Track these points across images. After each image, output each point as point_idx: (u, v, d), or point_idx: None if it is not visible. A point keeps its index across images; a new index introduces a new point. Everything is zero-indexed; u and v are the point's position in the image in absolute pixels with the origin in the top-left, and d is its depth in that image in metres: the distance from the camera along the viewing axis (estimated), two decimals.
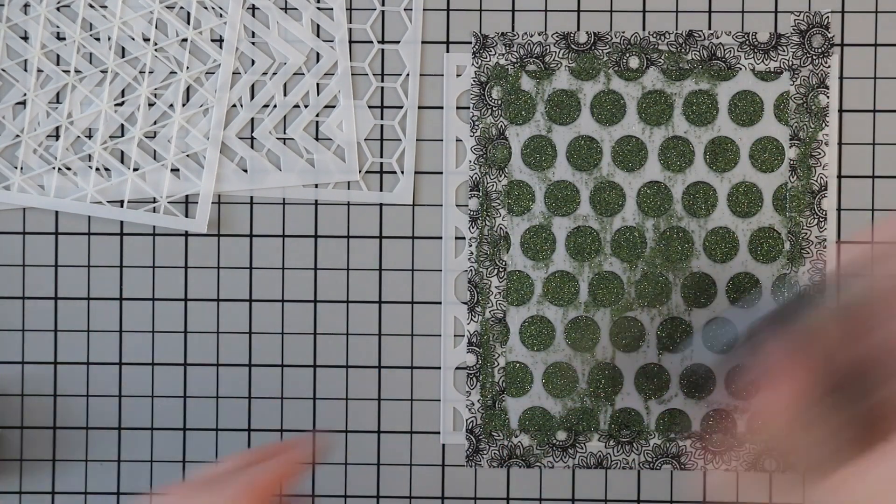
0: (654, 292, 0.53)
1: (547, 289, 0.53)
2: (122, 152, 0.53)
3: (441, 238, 0.53)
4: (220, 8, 0.53)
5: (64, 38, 0.53)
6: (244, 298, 0.54)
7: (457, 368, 0.53)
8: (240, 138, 0.53)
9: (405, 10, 0.54)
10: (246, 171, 0.53)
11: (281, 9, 0.53)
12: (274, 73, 0.53)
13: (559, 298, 0.53)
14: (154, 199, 0.53)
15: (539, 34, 0.53)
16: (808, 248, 0.53)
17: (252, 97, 0.53)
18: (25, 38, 0.53)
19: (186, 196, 0.53)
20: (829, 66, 0.53)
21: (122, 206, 0.53)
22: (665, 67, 0.53)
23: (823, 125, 0.53)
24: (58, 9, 0.53)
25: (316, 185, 0.54)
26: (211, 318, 0.54)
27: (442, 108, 0.53)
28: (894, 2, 0.53)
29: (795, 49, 0.53)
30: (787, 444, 0.39)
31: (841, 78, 0.53)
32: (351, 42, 0.54)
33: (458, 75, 0.53)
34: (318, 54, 0.54)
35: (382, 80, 0.54)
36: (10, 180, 0.53)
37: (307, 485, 0.54)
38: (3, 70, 0.53)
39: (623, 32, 0.53)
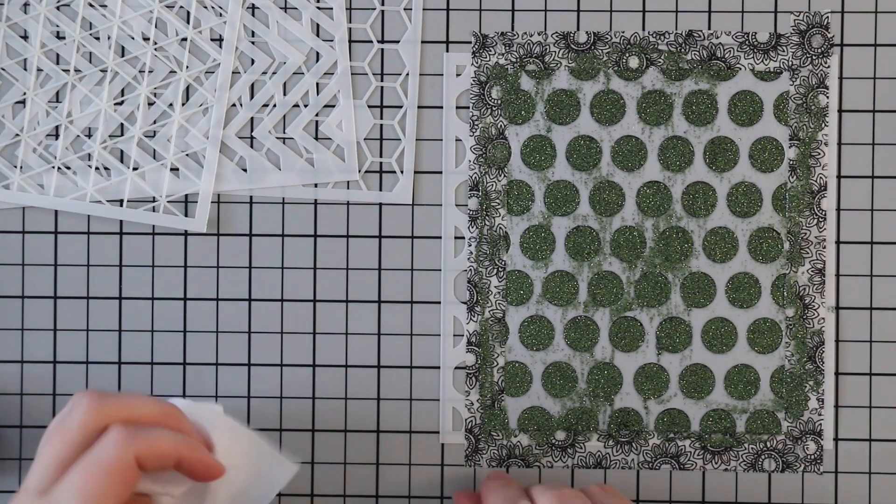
0: (654, 292, 0.53)
1: (546, 289, 0.53)
2: (122, 151, 0.53)
3: (440, 238, 0.53)
4: (220, 7, 0.53)
5: (64, 38, 0.53)
6: (244, 298, 0.54)
7: (456, 368, 0.53)
8: (239, 138, 0.54)
9: (405, 9, 0.54)
10: (245, 170, 0.53)
11: (281, 8, 0.53)
12: (274, 73, 0.53)
13: (558, 298, 0.53)
14: (153, 198, 0.53)
15: (539, 34, 0.53)
16: (807, 248, 0.53)
17: (252, 97, 0.53)
18: (25, 38, 0.53)
19: (186, 195, 0.53)
20: (828, 66, 0.53)
21: (121, 205, 0.53)
22: (665, 67, 0.53)
23: (823, 125, 0.53)
24: (57, 8, 0.53)
25: (315, 185, 0.54)
26: (210, 318, 0.54)
27: (441, 107, 0.53)
28: (894, 2, 0.53)
29: (795, 49, 0.53)
30: None
31: (841, 78, 0.53)
32: (351, 42, 0.54)
33: (457, 75, 0.53)
34: (317, 54, 0.54)
35: (382, 80, 0.54)
36: (10, 179, 0.53)
37: (306, 484, 0.54)
38: (3, 69, 0.53)
39: (623, 32, 0.53)
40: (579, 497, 0.46)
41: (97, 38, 0.53)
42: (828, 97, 0.53)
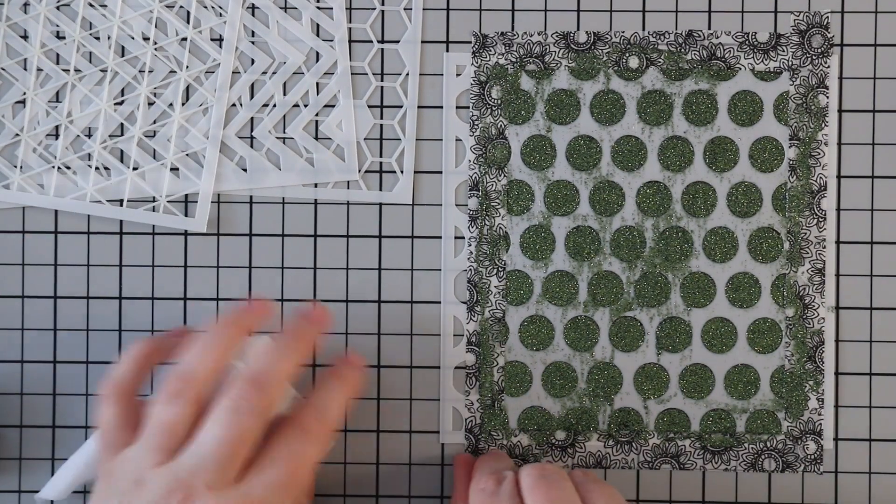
0: (654, 292, 0.53)
1: (546, 289, 0.53)
2: (122, 151, 0.53)
3: (440, 238, 0.53)
4: (220, 7, 0.53)
5: (64, 37, 0.53)
6: (244, 298, 0.54)
7: (456, 368, 0.53)
8: (239, 137, 0.54)
9: (405, 9, 0.54)
10: (245, 170, 0.53)
11: (281, 8, 0.53)
12: (274, 73, 0.53)
13: (558, 298, 0.53)
14: (153, 198, 0.53)
15: (539, 34, 0.53)
16: (807, 247, 0.53)
17: (252, 96, 0.53)
18: (25, 37, 0.53)
19: (186, 195, 0.53)
20: (828, 66, 0.53)
21: (121, 205, 0.53)
22: (665, 67, 0.53)
23: (823, 125, 0.53)
24: (57, 8, 0.53)
25: (315, 185, 0.54)
26: (210, 318, 0.54)
27: (441, 107, 0.53)
28: (894, 2, 0.53)
29: (795, 49, 0.53)
30: None
31: (840, 78, 0.53)
32: (351, 41, 0.54)
33: (457, 75, 0.53)
34: (317, 54, 0.54)
35: (382, 80, 0.54)
36: (10, 179, 0.53)
37: None
38: (3, 69, 0.53)
39: (623, 32, 0.53)
40: (560, 473, 0.46)
41: (97, 38, 0.53)
42: (828, 97, 0.53)
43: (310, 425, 0.44)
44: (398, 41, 0.54)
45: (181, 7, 0.53)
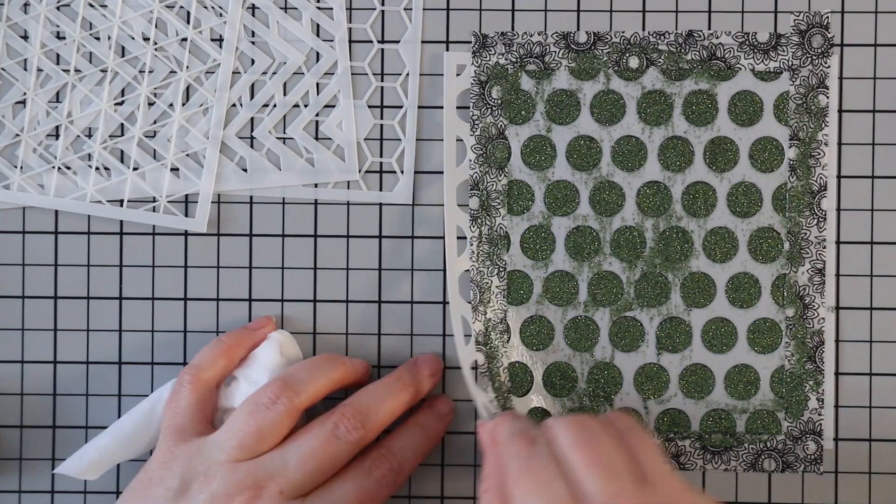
0: (654, 292, 0.53)
1: (546, 288, 0.53)
2: (122, 151, 0.53)
3: (441, 238, 0.53)
4: (220, 7, 0.53)
5: (64, 38, 0.53)
6: (244, 298, 0.54)
7: (456, 368, 0.53)
8: (239, 138, 0.54)
9: (405, 9, 0.54)
10: (246, 170, 0.53)
11: (281, 8, 0.53)
12: (274, 73, 0.53)
13: (558, 298, 0.53)
14: (154, 198, 0.53)
15: (539, 34, 0.53)
16: (807, 248, 0.53)
17: (252, 97, 0.53)
18: (25, 38, 0.53)
19: (186, 195, 0.53)
20: (828, 67, 0.53)
21: (121, 205, 0.53)
22: (665, 67, 0.53)
23: (823, 125, 0.53)
24: (58, 8, 0.53)
25: (315, 185, 0.54)
26: (210, 318, 0.54)
27: (442, 107, 0.53)
28: (894, 2, 0.53)
29: (795, 49, 0.53)
30: None
31: (841, 78, 0.53)
32: (351, 42, 0.54)
33: (457, 75, 0.53)
34: (317, 54, 0.54)
35: (382, 80, 0.54)
36: (10, 179, 0.53)
37: None
38: (3, 69, 0.53)
39: (623, 32, 0.53)
40: (595, 427, 0.42)
41: (97, 38, 0.53)
42: (828, 97, 0.53)
43: (381, 473, 0.46)
44: (398, 41, 0.54)
45: (181, 7, 0.53)
